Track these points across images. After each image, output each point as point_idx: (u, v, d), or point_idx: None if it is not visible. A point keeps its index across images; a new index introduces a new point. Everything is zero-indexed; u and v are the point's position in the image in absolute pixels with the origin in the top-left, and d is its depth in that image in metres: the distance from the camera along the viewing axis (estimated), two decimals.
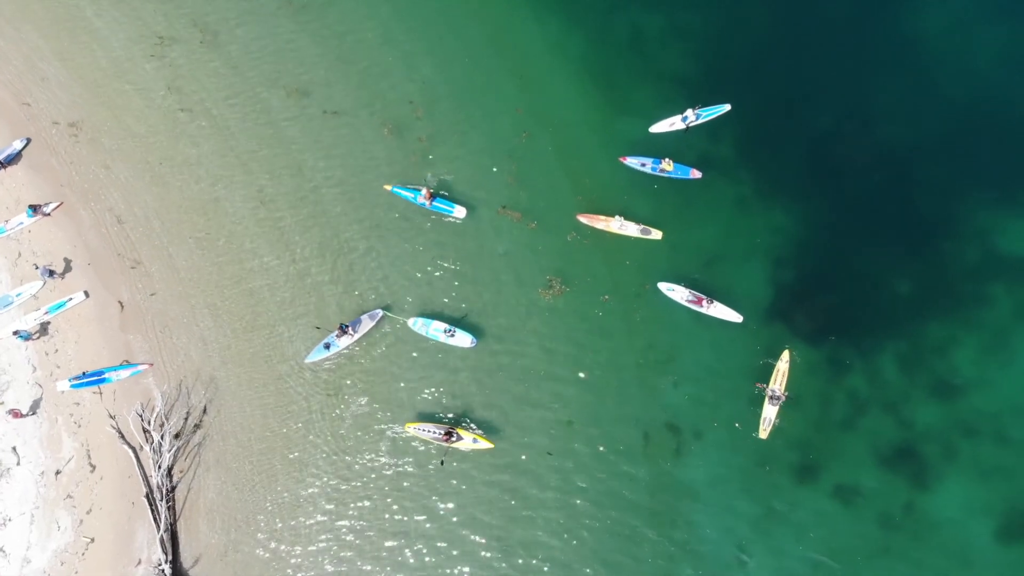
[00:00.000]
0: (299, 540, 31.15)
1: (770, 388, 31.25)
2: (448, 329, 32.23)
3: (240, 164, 35.46)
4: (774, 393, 31.05)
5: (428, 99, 36.14)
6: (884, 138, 35.18)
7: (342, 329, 31.86)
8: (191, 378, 32.65)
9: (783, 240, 34.00)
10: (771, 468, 31.33)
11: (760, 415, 31.28)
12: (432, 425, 31.26)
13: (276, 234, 34.60)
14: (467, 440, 31.05)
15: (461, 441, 30.95)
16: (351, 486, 31.58)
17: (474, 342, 32.27)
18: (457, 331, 32.29)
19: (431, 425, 31.26)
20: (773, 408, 31.12)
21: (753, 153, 35.13)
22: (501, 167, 35.22)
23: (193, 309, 33.55)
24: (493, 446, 31.13)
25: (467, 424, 31.79)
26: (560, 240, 34.20)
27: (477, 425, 31.90)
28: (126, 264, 34.04)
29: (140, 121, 35.96)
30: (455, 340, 32.27)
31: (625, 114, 35.71)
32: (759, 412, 31.42)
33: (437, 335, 32.40)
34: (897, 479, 31.01)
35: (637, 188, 34.63)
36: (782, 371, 31.54)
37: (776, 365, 31.70)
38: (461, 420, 31.86)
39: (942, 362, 32.35)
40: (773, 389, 31.18)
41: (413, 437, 31.71)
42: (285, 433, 32.15)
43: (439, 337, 32.38)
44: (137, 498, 30.79)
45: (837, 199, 34.60)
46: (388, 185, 34.70)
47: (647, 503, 31.13)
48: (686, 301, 32.78)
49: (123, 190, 35.06)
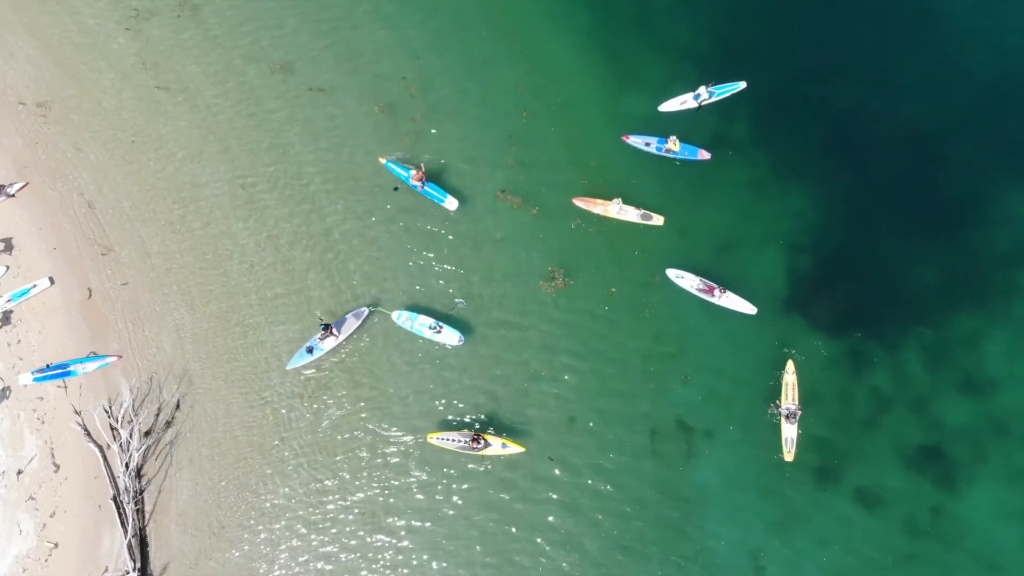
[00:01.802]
0: (276, 548, 29.23)
1: (783, 406, 29.30)
2: (435, 325, 30.08)
3: (219, 144, 33.53)
4: (789, 411, 29.12)
5: (422, 75, 34.21)
6: (909, 116, 33.53)
7: (326, 330, 29.66)
8: (163, 371, 30.73)
9: (801, 225, 32.34)
10: (789, 470, 29.55)
11: (781, 437, 29.38)
12: (455, 434, 29.11)
13: (256, 219, 32.61)
14: (496, 445, 28.94)
15: (490, 447, 28.83)
16: (332, 493, 29.57)
17: (462, 339, 30.15)
18: (445, 327, 30.16)
19: (454, 434, 29.10)
20: (792, 426, 29.24)
21: (769, 132, 33.45)
22: (500, 148, 33.30)
23: (166, 297, 31.67)
24: (524, 449, 29.07)
25: (486, 428, 29.71)
26: (563, 227, 32.23)
27: (482, 426, 29.90)
28: (95, 249, 32.11)
29: (112, 97, 34.13)
30: (442, 337, 30.16)
31: (633, 91, 33.86)
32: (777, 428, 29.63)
33: (423, 331, 30.30)
34: (924, 481, 29.47)
35: (647, 170, 32.75)
36: (791, 384, 29.60)
37: (783, 379, 29.76)
38: (485, 425, 29.82)
39: (971, 356, 30.82)
40: (787, 407, 29.23)
41: (399, 441, 29.51)
42: (264, 432, 30.25)
43: (424, 333, 30.30)
44: (104, 501, 29.19)
45: (859, 182, 32.91)
46: (383, 158, 32.71)
47: (655, 507, 29.28)
48: (696, 290, 30.81)
49: (93, 170, 33.18)
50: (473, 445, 28.54)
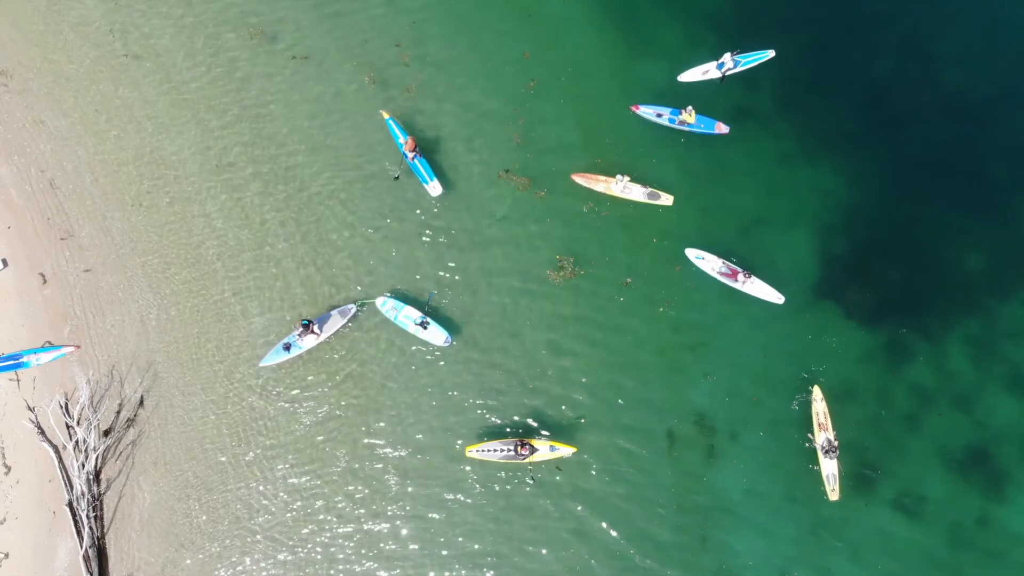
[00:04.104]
0: (250, 559, 26.30)
1: (817, 440, 26.43)
2: (421, 319, 27.20)
3: (192, 116, 30.66)
4: (826, 444, 26.15)
5: (417, 41, 31.36)
6: (952, 84, 31.00)
7: (306, 327, 26.83)
8: (125, 363, 27.91)
9: (832, 204, 29.65)
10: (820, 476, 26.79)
11: (821, 474, 26.45)
12: (497, 443, 26.26)
13: (232, 198, 29.74)
14: (543, 449, 26.22)
15: (537, 452, 26.14)
16: (312, 500, 26.74)
17: (448, 340, 27.32)
18: (432, 323, 27.30)
19: (496, 443, 26.25)
20: (832, 461, 26.31)
21: (797, 102, 30.75)
22: (505, 123, 30.46)
23: (130, 281, 28.77)
24: (576, 449, 26.39)
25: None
26: (574, 211, 29.38)
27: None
28: (54, 229, 29.20)
29: (77, 65, 31.27)
30: (427, 334, 27.32)
31: (651, 59, 31.02)
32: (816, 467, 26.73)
33: (407, 324, 27.42)
34: (969, 488, 27.02)
35: (665, 146, 29.95)
36: (821, 411, 26.74)
37: (811, 408, 26.87)
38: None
39: (1022, 349, 28.29)
40: (823, 440, 26.28)
41: (380, 447, 26.77)
42: (237, 433, 27.36)
43: (408, 326, 27.45)
44: (59, 507, 26.46)
45: (897, 156, 30.36)
46: (386, 112, 30.14)
47: (673, 516, 26.44)
48: (718, 273, 27.98)
49: (52, 142, 30.33)
50: (521, 452, 25.74)
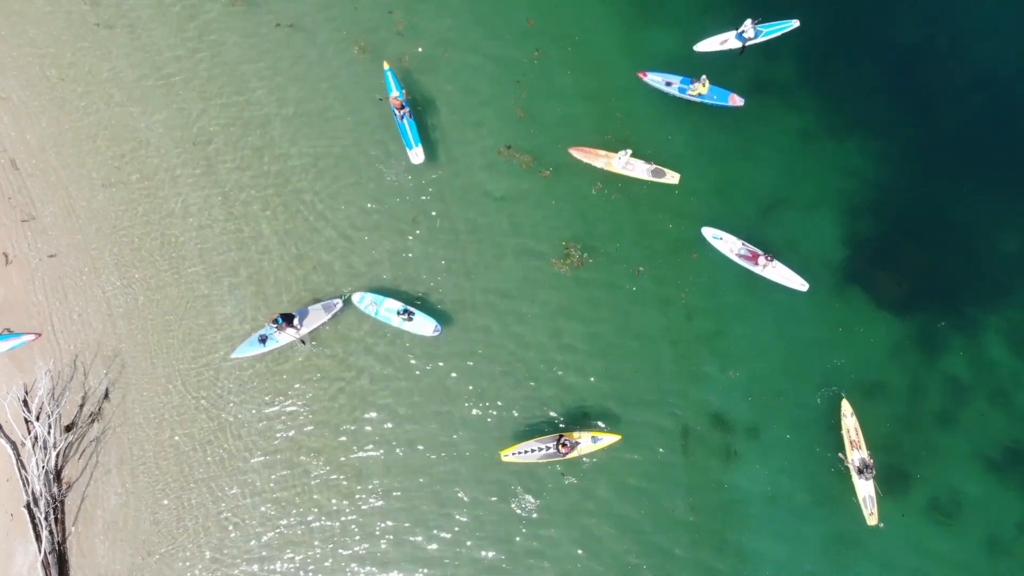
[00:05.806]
0: (221, 566, 24.14)
1: (850, 459, 24.36)
2: (404, 310, 25.03)
3: (165, 87, 28.55)
4: (861, 463, 24.03)
5: (412, 8, 29.34)
6: (984, 56, 29.29)
7: (285, 321, 24.67)
8: (89, 353, 25.79)
9: (859, 184, 27.72)
10: (846, 475, 24.76)
11: (857, 498, 24.30)
12: (533, 443, 24.16)
13: (207, 176, 27.57)
14: (585, 441, 24.21)
15: (579, 446, 24.12)
16: (285, 505, 24.62)
17: (438, 329, 25.20)
18: (417, 313, 25.17)
19: (532, 443, 24.14)
20: (868, 483, 24.18)
21: (820, 75, 28.80)
22: (506, 96, 28.38)
23: (95, 264, 26.65)
24: (620, 437, 24.46)
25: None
26: (583, 193, 27.34)
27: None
28: (13, 209, 26.85)
29: (41, 29, 29.04)
30: (413, 325, 25.17)
31: (665, 27, 29.10)
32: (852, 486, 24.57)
33: (389, 317, 25.24)
34: (1007, 489, 25.23)
35: (679, 119, 28.00)
36: (852, 428, 24.65)
37: (842, 423, 24.78)
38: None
39: None
40: (855, 459, 24.22)
41: (363, 449, 24.72)
42: (209, 430, 25.27)
43: (391, 320, 25.29)
44: (16, 509, 24.47)
45: (927, 133, 28.49)
46: (387, 63, 28.23)
47: (687, 520, 24.41)
48: (737, 255, 25.95)
49: (13, 114, 28.10)
50: (562, 451, 23.65)
